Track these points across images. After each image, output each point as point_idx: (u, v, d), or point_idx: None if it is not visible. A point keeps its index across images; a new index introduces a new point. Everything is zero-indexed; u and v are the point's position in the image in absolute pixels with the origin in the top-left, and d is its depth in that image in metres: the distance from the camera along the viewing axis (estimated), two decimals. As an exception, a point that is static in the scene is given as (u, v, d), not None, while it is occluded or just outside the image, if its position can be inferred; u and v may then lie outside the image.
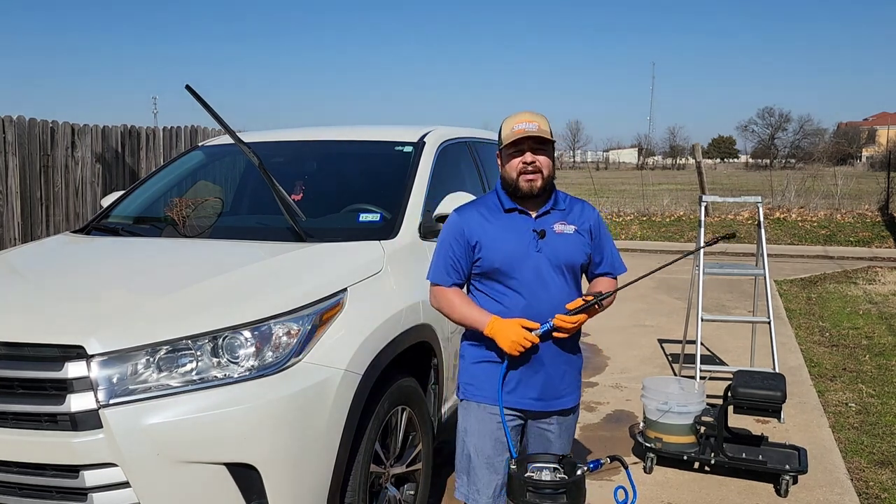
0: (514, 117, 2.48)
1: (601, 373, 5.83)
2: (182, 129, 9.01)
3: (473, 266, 2.51)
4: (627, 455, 4.20)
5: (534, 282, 2.44)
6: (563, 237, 2.48)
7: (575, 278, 2.53)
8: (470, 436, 2.53)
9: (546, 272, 2.45)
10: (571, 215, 2.53)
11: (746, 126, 79.70)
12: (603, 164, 76.47)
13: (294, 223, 3.26)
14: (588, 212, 2.58)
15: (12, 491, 2.40)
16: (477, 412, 2.51)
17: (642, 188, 19.15)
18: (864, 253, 12.74)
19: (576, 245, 2.49)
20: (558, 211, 2.51)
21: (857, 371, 5.84)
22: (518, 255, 2.44)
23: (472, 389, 2.53)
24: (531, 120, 2.44)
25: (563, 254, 2.47)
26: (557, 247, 2.46)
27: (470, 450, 2.53)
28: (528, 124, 2.42)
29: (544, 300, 2.44)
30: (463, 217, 2.54)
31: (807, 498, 3.68)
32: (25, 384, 2.37)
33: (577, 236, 2.50)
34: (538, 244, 2.45)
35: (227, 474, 2.35)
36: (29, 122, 6.98)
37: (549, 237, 2.46)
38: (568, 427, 2.61)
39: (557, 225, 2.48)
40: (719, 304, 8.36)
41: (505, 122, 2.50)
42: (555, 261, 2.45)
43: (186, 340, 2.41)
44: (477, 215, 2.52)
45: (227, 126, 3.41)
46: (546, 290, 2.44)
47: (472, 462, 2.52)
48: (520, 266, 2.43)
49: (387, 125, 4.45)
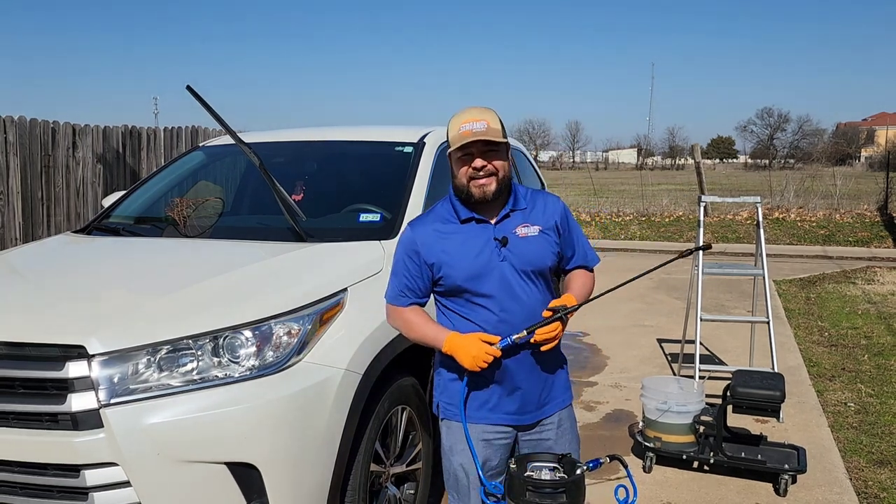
0: (460, 115, 2.28)
1: (600, 372, 5.83)
2: (183, 130, 9.01)
3: (435, 285, 2.36)
4: (627, 454, 4.21)
5: (502, 294, 2.28)
6: (528, 240, 2.31)
7: (546, 282, 2.38)
8: (456, 455, 2.41)
9: (514, 281, 2.29)
10: (534, 213, 2.36)
11: (745, 126, 79.76)
12: (602, 164, 76.43)
13: (294, 223, 3.26)
14: (552, 206, 2.40)
15: (14, 490, 2.41)
16: (459, 432, 2.37)
17: (641, 188, 19.16)
18: (863, 253, 12.75)
19: (542, 246, 2.33)
20: (519, 211, 2.34)
21: (856, 371, 5.85)
22: (480, 268, 2.27)
23: (454, 409, 2.38)
24: (478, 118, 2.24)
25: (530, 258, 2.31)
26: (523, 252, 2.30)
27: (457, 469, 2.41)
28: (474, 124, 2.22)
29: (516, 311, 2.29)
30: (417, 233, 2.36)
31: (806, 497, 3.69)
32: (27, 384, 2.38)
33: (543, 236, 2.34)
34: (501, 253, 2.28)
35: (227, 474, 2.36)
36: (30, 123, 6.99)
37: (512, 243, 2.29)
38: (564, 430, 2.47)
39: (520, 228, 2.32)
40: (718, 303, 8.37)
41: (451, 122, 2.30)
42: (521, 267, 2.30)
43: (187, 340, 2.42)
44: (432, 231, 2.34)
45: (228, 126, 3.42)
46: (516, 301, 2.29)
47: (461, 481, 2.41)
48: (485, 280, 2.27)
49: (387, 125, 4.45)
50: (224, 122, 3.41)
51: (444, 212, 2.38)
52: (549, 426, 2.44)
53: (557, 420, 2.45)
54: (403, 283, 2.36)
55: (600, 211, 17.93)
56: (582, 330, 7.13)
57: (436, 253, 2.31)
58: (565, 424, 2.48)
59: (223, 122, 3.41)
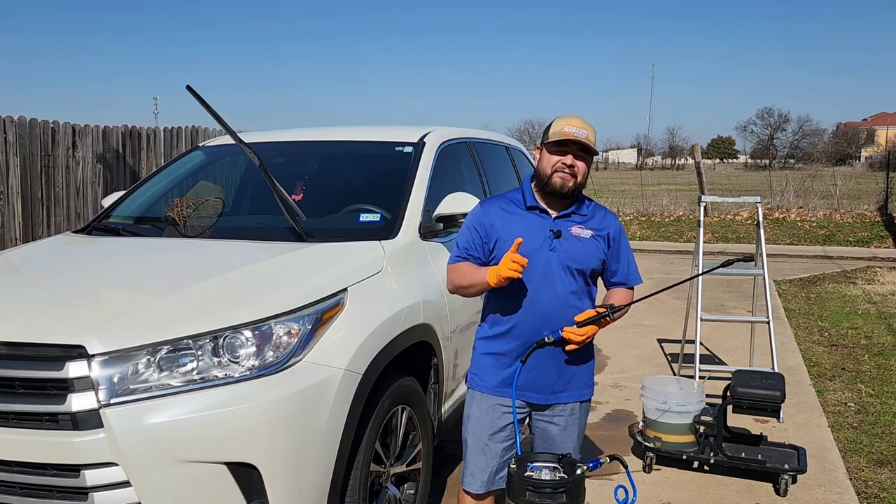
0: (567, 119, 2.53)
1: (601, 372, 5.83)
2: (183, 130, 9.01)
3: (489, 261, 2.58)
4: (627, 454, 4.21)
5: (540, 280, 2.50)
6: (579, 240, 2.54)
7: (586, 282, 2.58)
8: (472, 422, 2.64)
9: (556, 271, 2.50)
10: (592, 222, 2.59)
11: (745, 126, 79.62)
12: (602, 164, 76.40)
13: (294, 223, 3.26)
14: (609, 220, 2.64)
15: (13, 490, 2.40)
16: (480, 401, 2.62)
17: (641, 188, 19.18)
18: (863, 253, 12.75)
19: (590, 249, 2.55)
20: (579, 216, 2.58)
21: (856, 371, 5.85)
22: (530, 251, 2.47)
23: (477, 380, 2.64)
24: (582, 126, 2.50)
25: (577, 256, 2.52)
26: (572, 248, 2.52)
27: (469, 436, 2.65)
28: (578, 129, 2.48)
29: (547, 297, 2.50)
30: (485, 208, 2.64)
31: (806, 497, 3.69)
32: (27, 384, 2.38)
33: (593, 241, 2.56)
34: (552, 243, 2.51)
35: (227, 474, 2.36)
36: (30, 123, 6.99)
37: (564, 238, 2.52)
38: (571, 424, 2.63)
39: (575, 228, 2.55)
40: (718, 303, 8.37)
41: (556, 121, 2.56)
42: (567, 261, 2.51)
43: (187, 340, 2.41)
44: (498, 209, 2.60)
45: (228, 126, 3.42)
46: (551, 288, 2.50)
47: (469, 447, 2.65)
48: (531, 263, 2.46)
49: (387, 125, 4.45)
50: (224, 123, 3.41)
51: (514, 197, 2.64)
52: (562, 413, 2.62)
53: (571, 409, 2.63)
54: (464, 248, 2.61)
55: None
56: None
57: (496, 228, 2.56)
58: (577, 415, 2.65)
59: (223, 122, 3.41)
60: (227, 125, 3.41)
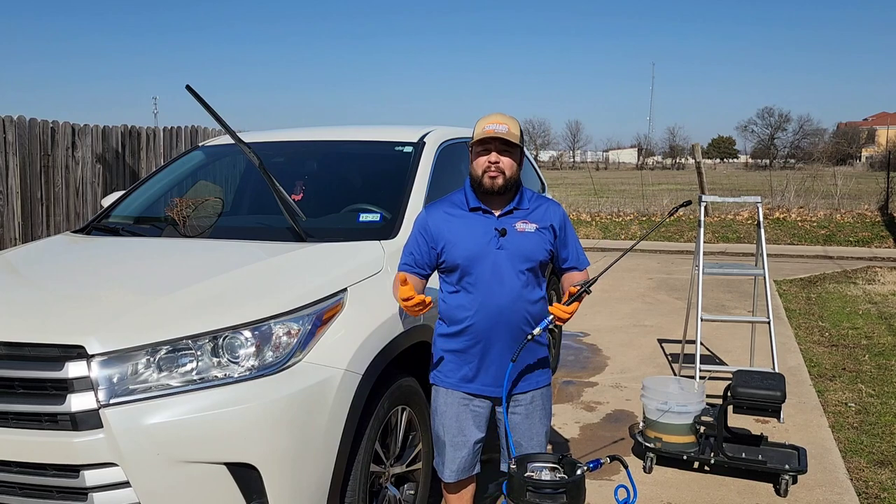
0: (487, 118, 2.60)
1: (601, 373, 5.83)
2: (182, 130, 9.01)
3: (439, 263, 2.67)
4: (627, 455, 4.20)
5: (490, 278, 2.58)
6: (525, 235, 2.61)
7: (535, 274, 2.67)
8: (438, 416, 2.75)
9: (504, 269, 2.58)
10: (535, 214, 2.66)
11: (746, 126, 79.73)
12: (603, 164, 76.46)
13: (294, 223, 3.26)
14: (553, 210, 2.70)
15: (13, 490, 2.40)
16: (444, 396, 2.73)
17: (642, 188, 19.17)
18: (864, 253, 12.74)
19: (537, 242, 2.62)
20: (522, 210, 2.65)
21: (857, 371, 5.84)
22: (478, 252, 2.58)
23: (441, 376, 2.74)
24: (502, 122, 2.56)
25: (524, 251, 2.60)
26: (518, 244, 2.60)
27: (438, 429, 2.76)
28: (497, 126, 2.54)
29: (498, 294, 2.59)
30: (430, 213, 2.72)
31: (806, 497, 3.68)
32: (26, 384, 2.38)
33: (539, 234, 2.63)
34: (499, 241, 2.59)
35: (227, 474, 2.35)
36: (29, 122, 6.99)
37: (510, 235, 2.59)
38: (535, 407, 2.72)
39: (519, 224, 2.62)
40: (719, 303, 8.37)
41: (479, 122, 2.62)
42: (515, 257, 2.59)
43: (187, 340, 2.41)
44: (442, 213, 2.68)
45: (228, 126, 3.41)
46: (502, 285, 2.58)
47: (439, 439, 2.76)
48: (479, 263, 2.58)
49: (387, 125, 4.45)
50: (224, 122, 3.40)
51: (457, 199, 2.71)
52: (521, 402, 2.71)
53: (530, 398, 2.72)
54: (410, 254, 2.70)
55: (600, 211, 17.93)
56: (582, 330, 7.12)
57: (442, 232, 2.64)
58: (537, 402, 2.74)
59: (223, 122, 3.40)
60: (227, 125, 3.40)
